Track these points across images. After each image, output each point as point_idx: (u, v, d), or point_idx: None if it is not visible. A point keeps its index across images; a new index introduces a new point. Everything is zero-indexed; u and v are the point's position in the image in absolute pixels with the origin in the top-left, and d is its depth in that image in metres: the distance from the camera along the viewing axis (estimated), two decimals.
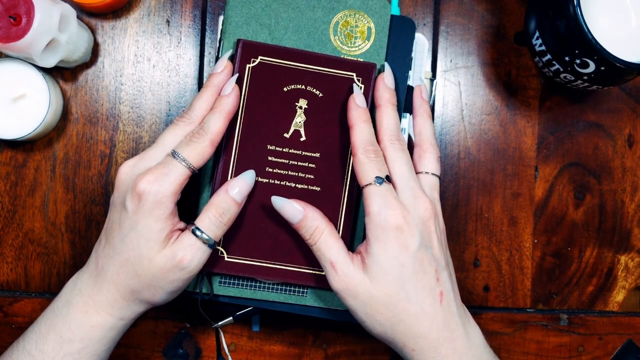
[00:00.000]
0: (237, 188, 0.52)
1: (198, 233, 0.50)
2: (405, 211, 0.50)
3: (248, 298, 0.57)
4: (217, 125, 0.51)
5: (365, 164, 0.51)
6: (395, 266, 0.49)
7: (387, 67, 0.56)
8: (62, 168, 0.64)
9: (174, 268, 0.50)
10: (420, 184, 0.53)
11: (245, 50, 0.55)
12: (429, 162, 0.55)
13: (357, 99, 0.54)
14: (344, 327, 0.65)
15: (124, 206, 0.50)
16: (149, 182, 0.49)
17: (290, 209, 0.52)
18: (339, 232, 0.56)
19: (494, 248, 0.67)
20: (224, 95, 0.53)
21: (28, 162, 0.64)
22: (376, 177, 0.50)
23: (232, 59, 0.55)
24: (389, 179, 0.51)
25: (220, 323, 0.61)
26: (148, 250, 0.50)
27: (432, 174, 0.55)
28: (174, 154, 0.50)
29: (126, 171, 0.52)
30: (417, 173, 0.54)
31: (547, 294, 0.67)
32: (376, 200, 0.50)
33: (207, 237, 0.51)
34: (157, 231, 0.50)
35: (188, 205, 0.56)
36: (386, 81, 0.55)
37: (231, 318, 0.60)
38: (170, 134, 0.52)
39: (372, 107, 0.57)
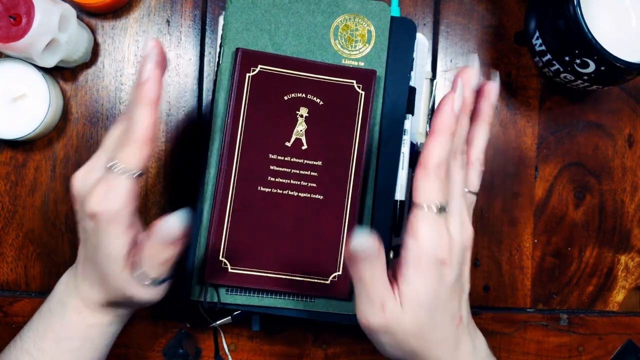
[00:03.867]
0: (163, 229, 0.47)
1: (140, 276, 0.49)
2: (452, 242, 0.47)
3: (256, 305, 0.57)
4: (141, 119, 0.46)
5: (433, 184, 0.45)
6: (431, 298, 0.47)
7: (475, 60, 0.48)
8: (63, 168, 0.64)
9: (129, 299, 0.50)
10: (466, 207, 0.49)
11: (244, 60, 0.55)
12: (473, 179, 0.50)
13: (457, 103, 0.46)
14: (344, 327, 0.65)
15: (84, 224, 0.49)
16: (97, 203, 0.46)
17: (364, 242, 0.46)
18: (342, 239, 0.56)
19: (494, 248, 0.67)
20: (139, 83, 0.46)
21: (28, 162, 0.64)
22: (438, 203, 0.45)
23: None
24: (445, 208, 0.46)
25: (218, 322, 0.60)
26: (112, 269, 0.48)
27: (473, 192, 0.50)
28: (111, 166, 0.46)
29: (77, 185, 0.49)
30: None
31: (547, 294, 0.67)
32: (429, 227, 0.45)
33: (149, 276, 0.49)
34: (117, 248, 0.47)
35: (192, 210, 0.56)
36: (469, 83, 0.47)
37: (229, 317, 0.60)
38: (108, 135, 0.50)
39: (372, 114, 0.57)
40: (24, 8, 0.55)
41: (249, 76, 0.55)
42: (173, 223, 0.47)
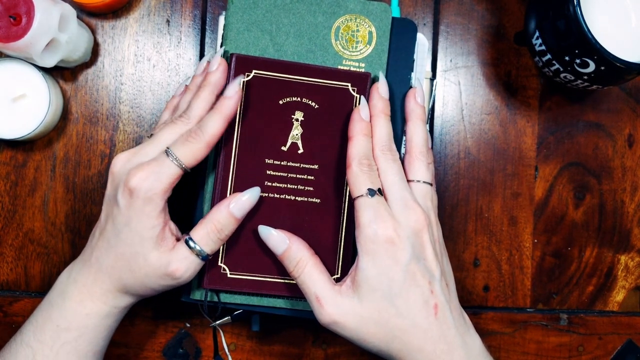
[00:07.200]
0: (239, 204, 0.52)
1: (192, 245, 0.51)
2: (396, 223, 0.49)
3: (256, 305, 0.57)
4: (215, 127, 0.50)
5: (359, 176, 0.51)
6: (384, 281, 0.49)
7: (382, 77, 0.56)
8: (62, 168, 0.64)
9: (166, 276, 0.51)
10: (412, 193, 0.52)
11: (239, 65, 0.55)
12: (419, 169, 0.53)
13: (362, 112, 0.53)
14: None
15: (117, 200, 0.50)
16: (141, 179, 0.49)
17: (276, 239, 0.52)
18: (340, 242, 0.56)
19: (494, 248, 0.67)
20: (225, 97, 0.52)
21: (28, 162, 0.64)
22: (368, 189, 0.50)
23: (224, 56, 0.55)
24: (381, 192, 0.51)
25: (218, 322, 0.60)
26: (142, 248, 0.50)
27: (424, 182, 0.53)
28: (167, 152, 0.50)
29: (119, 165, 0.51)
30: (408, 181, 0.53)
31: (547, 294, 0.67)
32: (367, 212, 0.49)
33: (200, 249, 0.51)
34: (149, 228, 0.50)
35: (187, 218, 0.56)
36: (380, 91, 0.55)
37: (229, 317, 0.60)
38: (168, 132, 0.52)
39: None
40: (24, 8, 0.55)
41: (243, 81, 0.55)
42: (250, 197, 0.52)
